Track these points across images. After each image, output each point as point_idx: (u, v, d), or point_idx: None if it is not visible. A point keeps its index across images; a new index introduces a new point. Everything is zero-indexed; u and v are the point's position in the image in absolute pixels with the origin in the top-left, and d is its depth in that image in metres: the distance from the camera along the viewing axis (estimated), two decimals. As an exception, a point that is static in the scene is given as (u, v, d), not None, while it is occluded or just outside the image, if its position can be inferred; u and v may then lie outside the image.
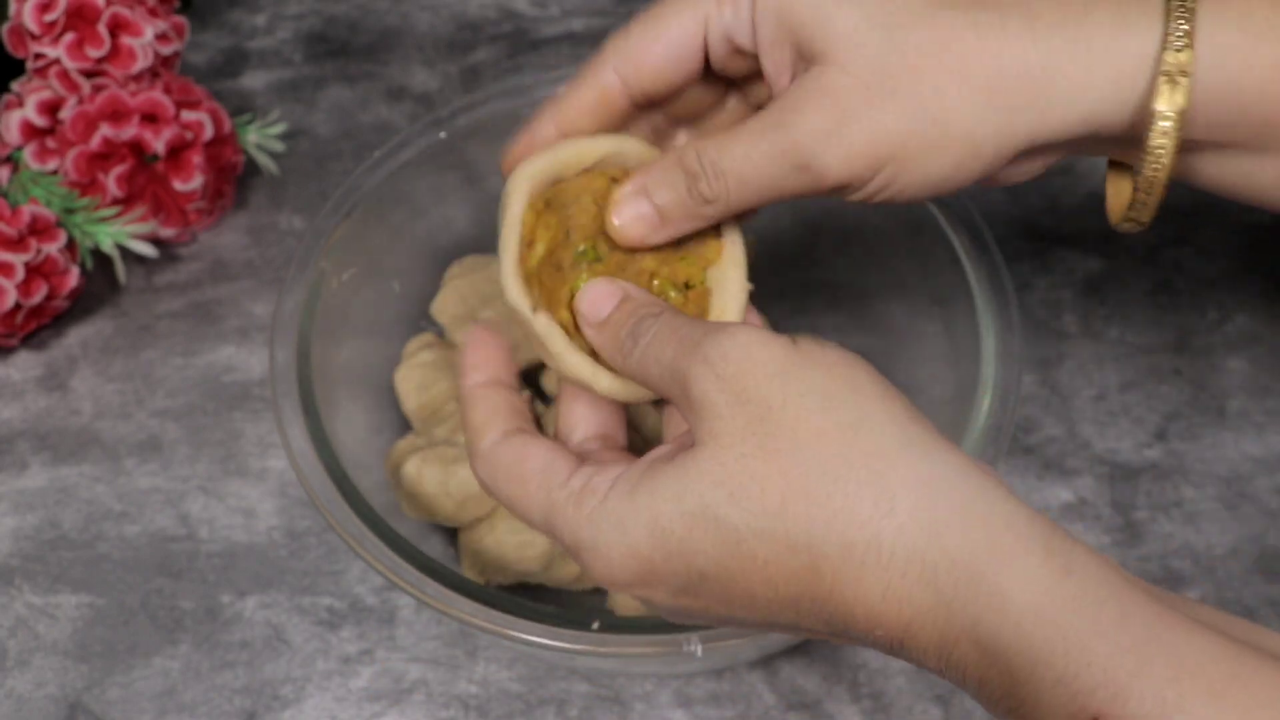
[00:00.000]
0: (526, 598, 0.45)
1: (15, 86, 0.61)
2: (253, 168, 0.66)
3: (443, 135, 0.55)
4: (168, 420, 0.59)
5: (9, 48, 0.61)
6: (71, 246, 0.59)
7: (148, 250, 0.61)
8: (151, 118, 0.59)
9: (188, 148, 0.60)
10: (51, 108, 0.59)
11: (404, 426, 0.55)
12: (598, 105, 0.40)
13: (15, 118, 0.59)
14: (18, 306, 0.57)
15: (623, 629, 0.43)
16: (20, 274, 0.56)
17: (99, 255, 0.62)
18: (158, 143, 0.59)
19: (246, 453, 0.58)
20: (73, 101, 0.59)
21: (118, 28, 0.59)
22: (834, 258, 0.58)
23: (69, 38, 0.59)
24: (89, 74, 0.60)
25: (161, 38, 0.61)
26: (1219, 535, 0.54)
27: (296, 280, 0.51)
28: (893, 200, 0.39)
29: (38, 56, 0.60)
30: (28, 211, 0.57)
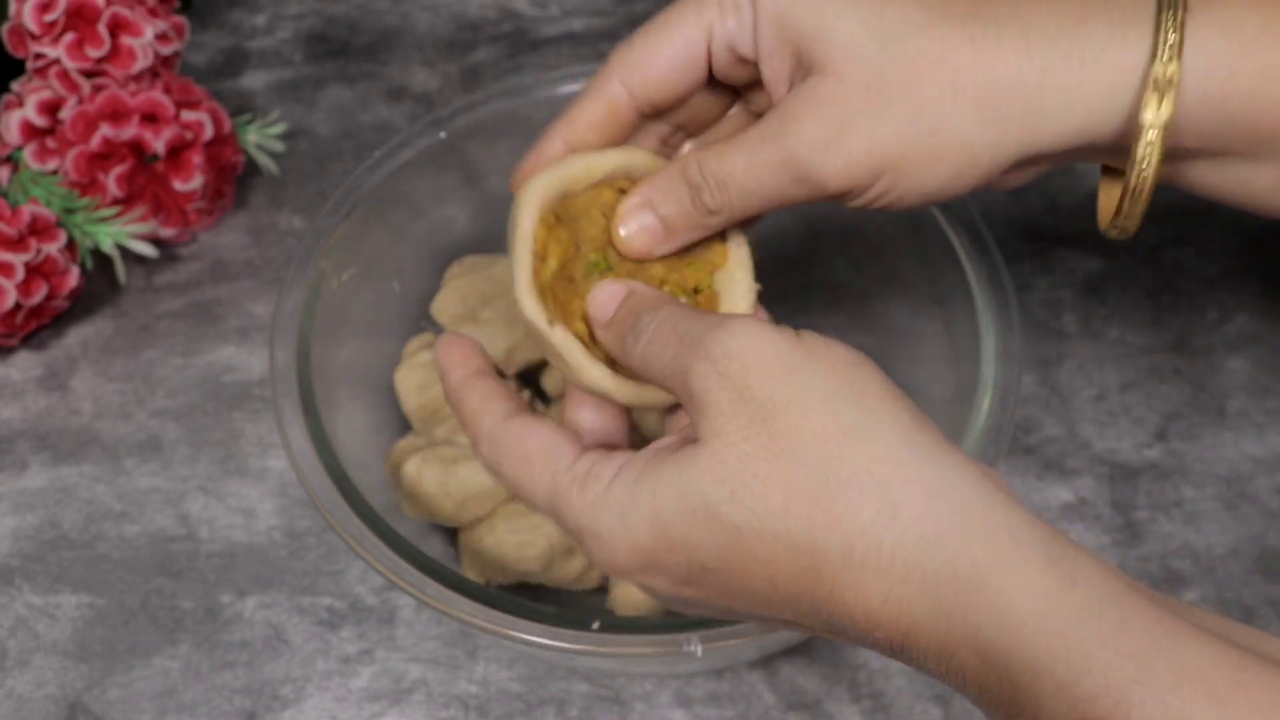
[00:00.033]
0: (526, 598, 0.45)
1: (15, 86, 0.61)
2: (253, 168, 0.66)
3: (443, 135, 0.55)
4: (168, 420, 0.59)
5: (9, 48, 0.61)
6: (71, 246, 0.59)
7: (148, 250, 0.61)
8: (151, 118, 0.59)
9: (188, 148, 0.60)
10: (51, 108, 0.59)
11: (404, 426, 0.55)
12: (605, 119, 0.40)
13: (15, 118, 0.59)
14: (18, 306, 0.57)
15: (623, 629, 0.43)
16: (20, 274, 0.56)
17: (99, 255, 0.62)
18: (158, 143, 0.59)
19: (246, 453, 0.58)
20: (73, 101, 0.59)
21: (118, 28, 0.59)
22: (834, 258, 0.58)
23: (69, 38, 0.59)
24: (89, 74, 0.60)
25: (161, 38, 0.61)
26: (1219, 535, 0.54)
27: (296, 280, 0.51)
28: (892, 207, 0.39)
29: (38, 56, 0.60)
30: (28, 211, 0.57)
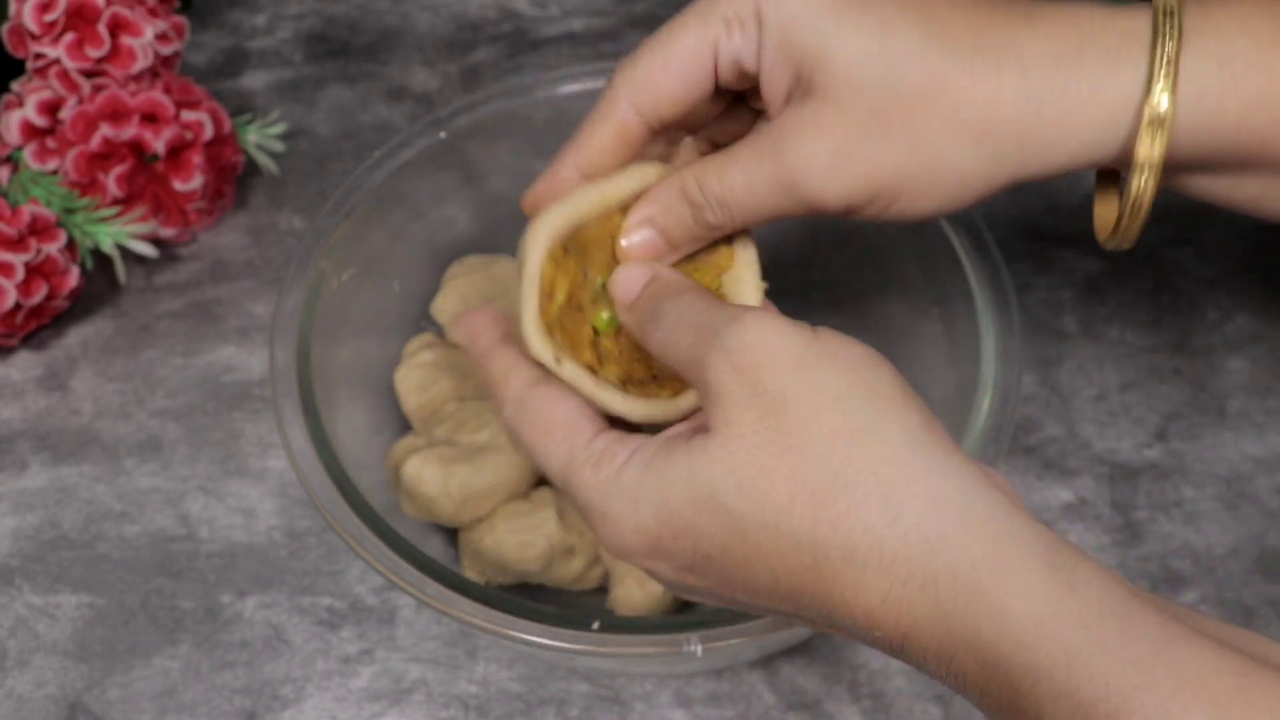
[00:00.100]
0: (526, 598, 0.45)
1: (15, 86, 0.61)
2: (253, 168, 0.66)
3: (443, 135, 0.55)
4: (168, 420, 0.59)
5: (9, 48, 0.61)
6: (71, 246, 0.59)
7: (148, 250, 0.61)
8: (151, 118, 0.59)
9: (188, 148, 0.60)
10: (51, 108, 0.59)
11: (404, 426, 0.55)
12: (617, 142, 0.40)
13: (15, 118, 0.59)
14: (18, 306, 0.57)
15: (623, 629, 0.43)
16: (20, 274, 0.56)
17: (99, 255, 0.62)
18: (158, 143, 0.59)
19: (246, 453, 0.58)
20: (73, 101, 0.59)
21: (118, 28, 0.59)
22: (834, 258, 0.58)
23: (69, 38, 0.59)
24: (89, 74, 0.60)
25: (161, 38, 0.61)
26: (1219, 535, 0.54)
27: (296, 280, 0.51)
28: (886, 222, 0.40)
29: (38, 56, 0.60)
30: (28, 211, 0.57)
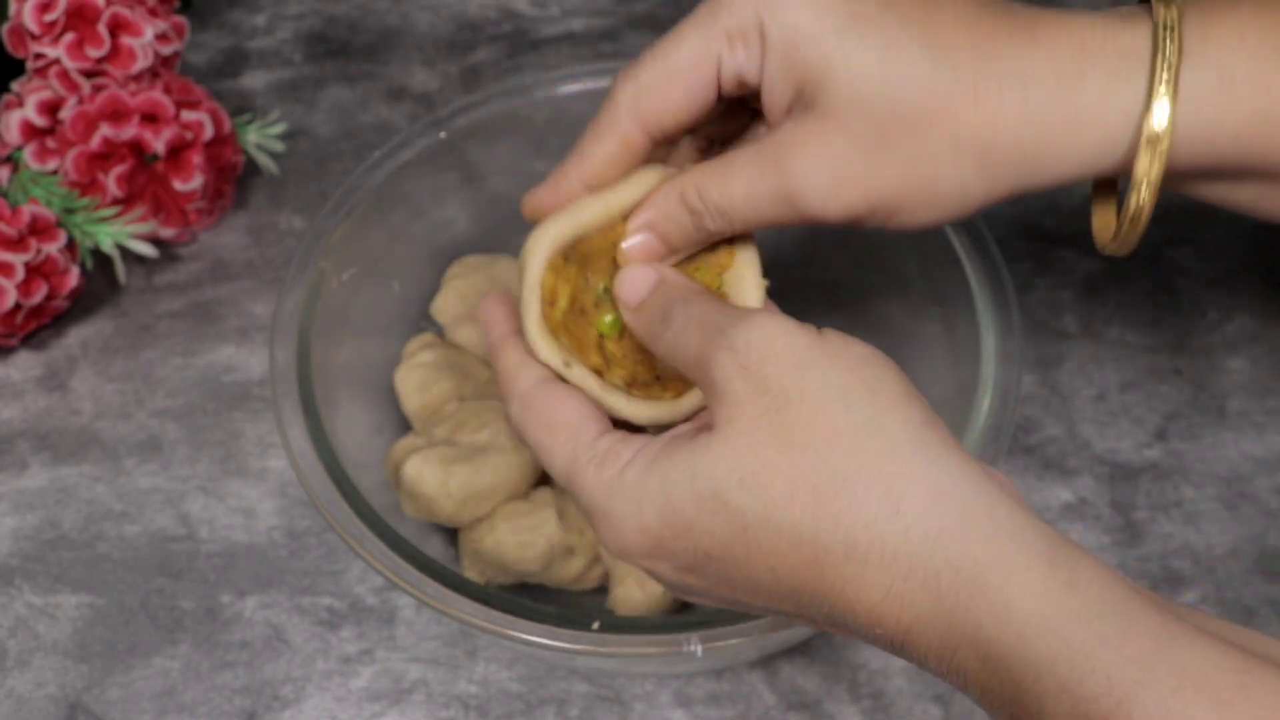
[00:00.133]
0: (526, 598, 0.45)
1: (15, 86, 0.61)
2: (253, 168, 0.66)
3: (443, 135, 0.55)
4: (168, 420, 0.59)
5: (9, 48, 0.61)
6: (71, 246, 0.59)
7: (148, 250, 0.61)
8: (151, 118, 0.59)
9: (188, 148, 0.60)
10: (51, 108, 0.59)
11: (404, 426, 0.55)
12: (620, 154, 0.40)
13: (15, 118, 0.59)
14: (18, 306, 0.57)
15: (623, 629, 0.43)
16: (20, 274, 0.56)
17: (99, 255, 0.62)
18: (158, 143, 0.59)
19: (246, 453, 0.58)
20: (73, 101, 0.59)
21: (118, 28, 0.59)
22: (834, 258, 0.58)
23: (69, 38, 0.59)
24: (89, 74, 0.60)
25: (161, 38, 0.61)
26: (1219, 535, 0.54)
27: (296, 280, 0.51)
28: (885, 231, 0.41)
29: (38, 56, 0.60)
30: (28, 211, 0.57)
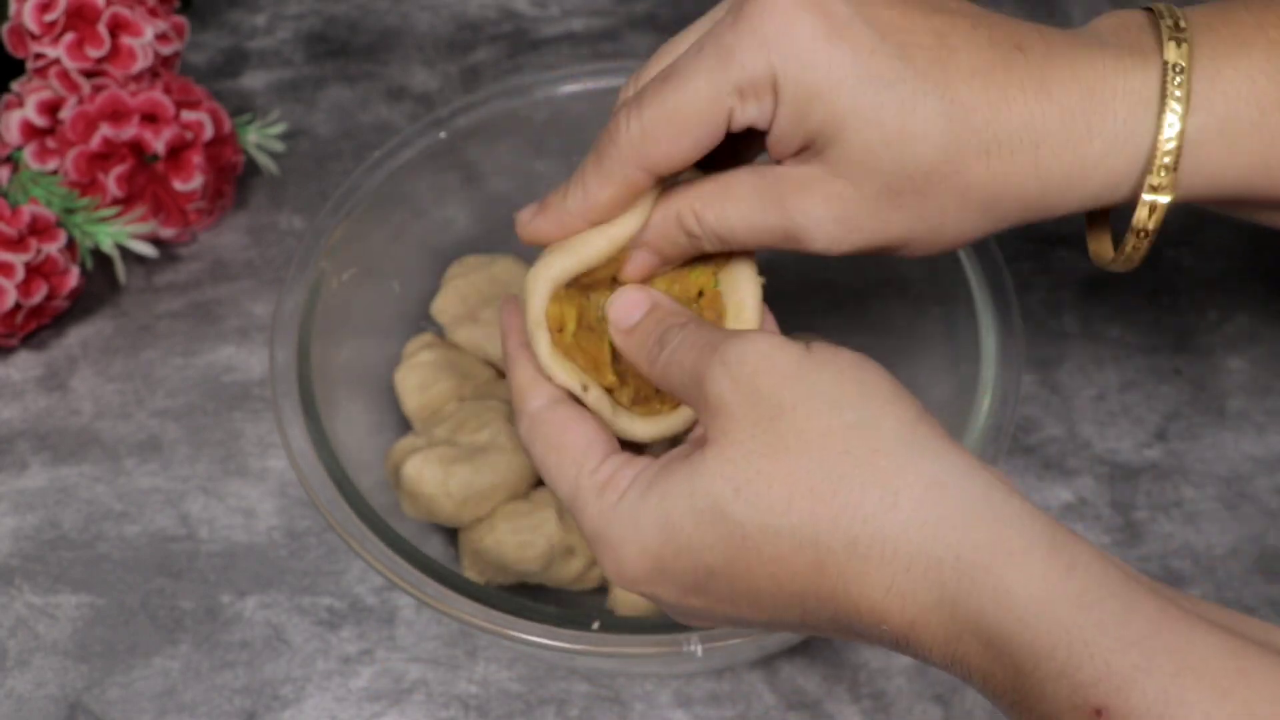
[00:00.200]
0: (526, 598, 0.45)
1: (15, 86, 0.61)
2: (253, 168, 0.66)
3: (443, 135, 0.55)
4: (168, 420, 0.59)
5: (9, 48, 0.61)
6: (71, 246, 0.59)
7: (148, 250, 0.61)
8: (151, 118, 0.59)
9: (188, 148, 0.60)
10: (51, 108, 0.59)
11: (404, 426, 0.55)
12: (625, 196, 0.40)
13: (15, 118, 0.59)
14: (18, 306, 0.57)
15: (623, 629, 0.43)
16: (20, 274, 0.56)
17: (99, 255, 0.62)
18: (158, 143, 0.59)
19: (246, 453, 0.58)
20: (73, 101, 0.59)
21: (118, 28, 0.59)
22: (834, 258, 0.58)
23: (69, 38, 0.59)
24: (89, 74, 0.60)
25: (161, 38, 0.61)
26: (1219, 535, 0.54)
27: (296, 280, 0.51)
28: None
29: (38, 56, 0.60)
30: (28, 211, 0.57)
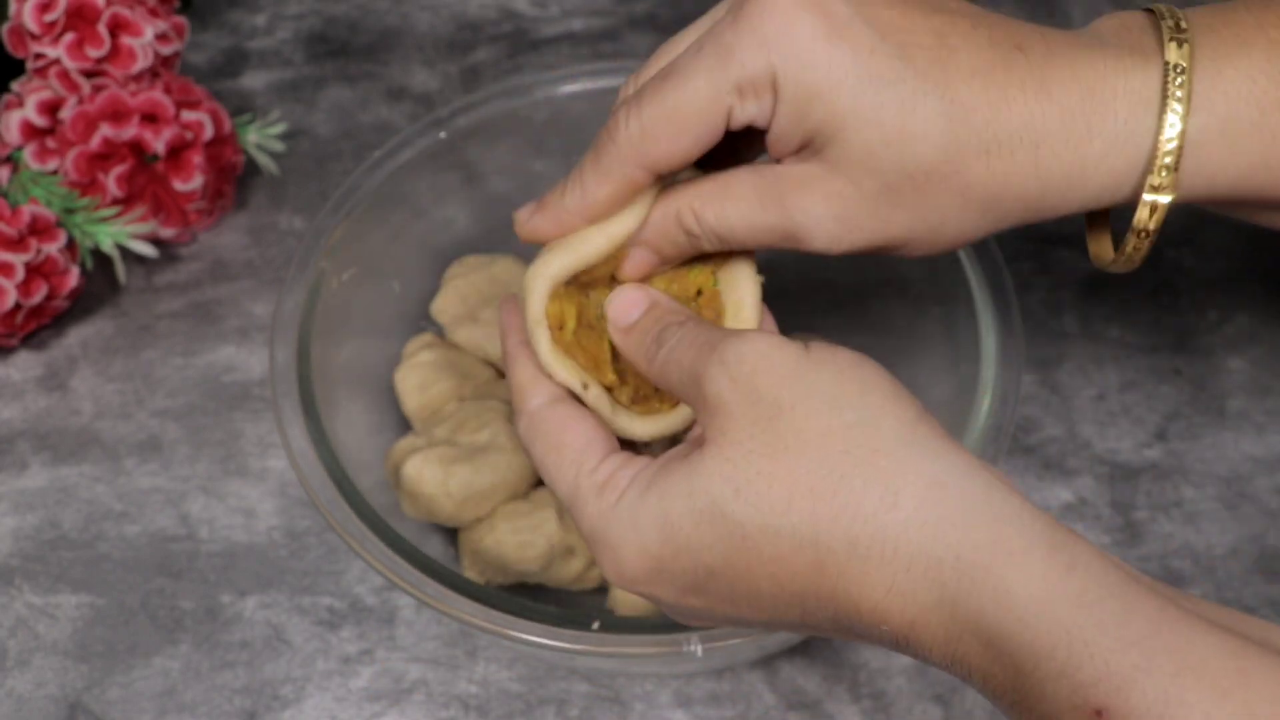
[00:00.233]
0: (526, 598, 0.45)
1: (15, 86, 0.61)
2: (253, 168, 0.66)
3: (443, 135, 0.55)
4: (168, 420, 0.59)
5: (9, 48, 0.61)
6: (71, 246, 0.59)
7: (148, 250, 0.61)
8: (151, 118, 0.59)
9: (188, 148, 0.60)
10: (51, 108, 0.59)
11: (404, 426, 0.55)
12: (624, 194, 0.40)
13: (15, 118, 0.59)
14: (18, 306, 0.57)
15: (623, 629, 0.43)
16: (20, 274, 0.56)
17: (99, 255, 0.62)
18: (158, 143, 0.59)
19: (246, 453, 0.58)
20: (73, 101, 0.59)
21: (118, 28, 0.59)
22: (834, 258, 0.58)
23: (69, 38, 0.59)
24: (89, 74, 0.60)
25: (161, 38, 0.61)
26: (1219, 535, 0.54)
27: (296, 280, 0.51)
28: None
29: (38, 56, 0.60)
30: (28, 211, 0.57)
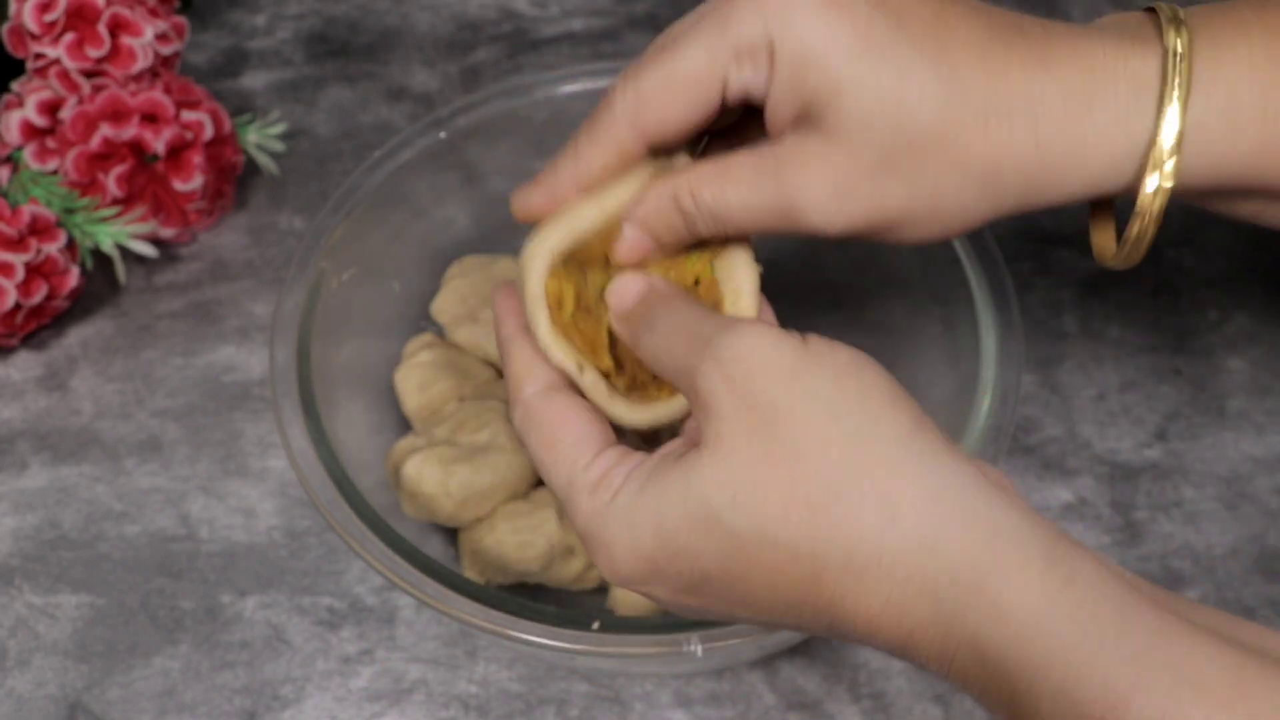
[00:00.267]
0: (526, 598, 0.45)
1: (15, 86, 0.61)
2: (253, 168, 0.66)
3: (443, 135, 0.55)
4: (168, 420, 0.59)
5: (9, 48, 0.61)
6: (71, 246, 0.59)
7: (148, 250, 0.61)
8: (151, 118, 0.59)
9: (188, 148, 0.60)
10: (51, 108, 0.59)
11: (404, 426, 0.55)
12: (617, 162, 0.40)
13: (15, 118, 0.59)
14: (18, 306, 0.57)
15: (623, 629, 0.43)
16: (20, 274, 0.56)
17: (99, 255, 0.62)
18: (158, 143, 0.59)
19: (246, 453, 0.58)
20: (73, 101, 0.59)
21: (118, 28, 0.59)
22: (834, 257, 0.58)
23: (69, 38, 0.59)
24: (89, 74, 0.60)
25: (161, 38, 0.61)
26: (1219, 535, 0.54)
27: (296, 280, 0.51)
28: (885, 244, 0.41)
29: (38, 56, 0.60)
30: (28, 211, 0.57)
